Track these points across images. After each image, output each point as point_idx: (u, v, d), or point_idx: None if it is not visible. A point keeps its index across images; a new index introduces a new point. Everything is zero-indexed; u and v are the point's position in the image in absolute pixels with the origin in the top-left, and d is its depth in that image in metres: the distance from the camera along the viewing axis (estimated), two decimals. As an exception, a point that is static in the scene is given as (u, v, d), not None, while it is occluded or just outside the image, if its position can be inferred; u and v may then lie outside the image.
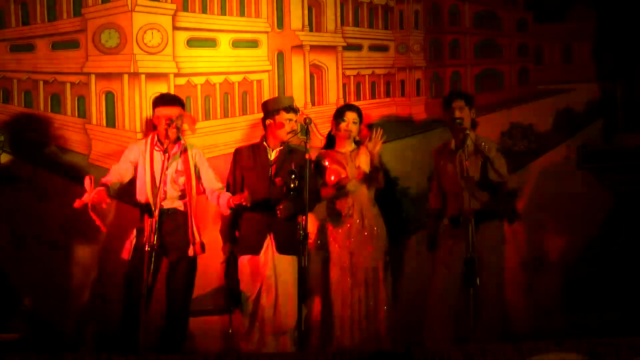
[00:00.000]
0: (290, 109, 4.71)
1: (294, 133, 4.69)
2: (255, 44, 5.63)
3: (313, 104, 5.67)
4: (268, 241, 4.58)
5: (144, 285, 4.08)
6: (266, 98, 5.30)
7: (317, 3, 5.74)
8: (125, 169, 4.52)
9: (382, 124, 5.41)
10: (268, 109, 4.75)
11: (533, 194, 5.47)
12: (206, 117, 5.53)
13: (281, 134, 4.67)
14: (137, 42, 5.36)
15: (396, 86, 5.89)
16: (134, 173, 4.54)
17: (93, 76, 5.39)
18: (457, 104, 4.67)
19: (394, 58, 5.91)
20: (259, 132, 4.93)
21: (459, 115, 4.62)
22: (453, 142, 4.70)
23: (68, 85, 5.42)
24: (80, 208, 4.18)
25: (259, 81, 5.62)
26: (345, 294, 4.70)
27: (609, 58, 5.74)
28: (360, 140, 4.92)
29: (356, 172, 4.78)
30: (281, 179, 4.53)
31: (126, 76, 5.37)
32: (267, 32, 5.64)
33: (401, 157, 5.47)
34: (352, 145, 4.89)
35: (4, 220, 5.21)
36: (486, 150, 4.54)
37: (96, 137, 5.38)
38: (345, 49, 5.80)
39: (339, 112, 4.90)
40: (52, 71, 5.42)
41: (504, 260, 4.72)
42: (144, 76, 5.37)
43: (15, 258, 5.15)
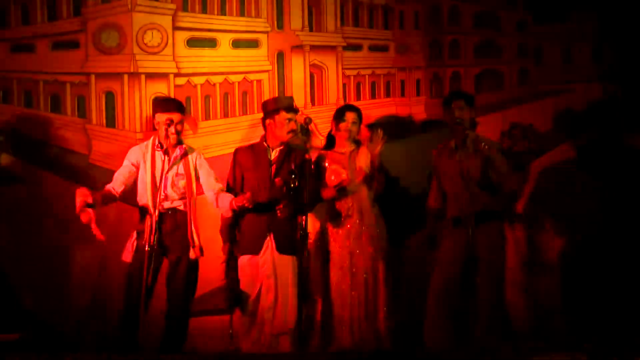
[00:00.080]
0: (290, 109, 4.70)
1: (294, 133, 4.69)
2: (255, 44, 5.63)
3: (313, 104, 5.67)
4: (268, 241, 4.57)
5: (144, 285, 4.09)
6: (266, 98, 5.30)
7: (317, 3, 5.74)
8: (128, 171, 4.52)
9: (382, 124, 5.42)
10: (268, 109, 4.74)
11: (533, 194, 5.48)
12: (206, 117, 5.53)
13: (281, 133, 4.66)
14: (137, 42, 5.35)
15: (396, 86, 5.89)
16: (138, 175, 4.54)
17: (93, 76, 5.39)
18: (457, 104, 4.66)
19: (394, 58, 5.91)
20: (259, 132, 4.93)
21: (459, 115, 4.62)
22: (453, 142, 4.70)
23: (68, 85, 5.42)
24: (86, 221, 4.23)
25: (259, 81, 5.62)
26: (345, 294, 4.70)
27: (609, 58, 5.75)
28: (360, 140, 4.92)
29: (356, 172, 4.78)
30: (281, 179, 4.53)
31: (126, 76, 5.36)
32: (267, 32, 5.64)
33: (401, 157, 5.47)
34: (352, 146, 4.88)
35: (4, 220, 5.21)
36: (486, 150, 4.54)
37: (96, 137, 5.38)
38: (345, 49, 5.80)
39: (339, 113, 4.90)
40: (52, 71, 5.42)
41: (505, 260, 4.72)
42: (144, 76, 5.37)
43: (15, 258, 5.15)
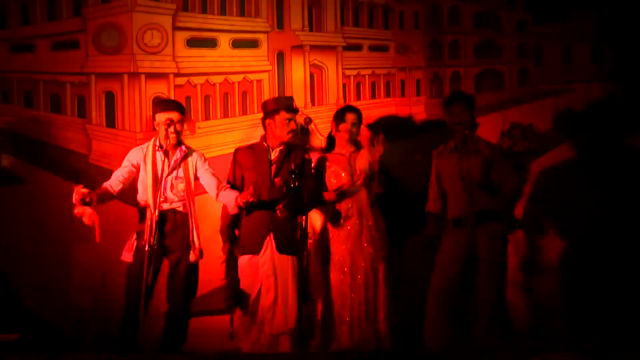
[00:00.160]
0: (290, 109, 4.69)
1: (294, 133, 4.68)
2: (255, 44, 5.63)
3: (313, 104, 5.67)
4: (268, 241, 4.57)
5: (144, 285, 4.09)
6: (266, 98, 5.30)
7: (317, 3, 5.74)
8: (128, 171, 4.52)
9: (382, 124, 5.42)
10: (268, 109, 4.73)
11: (533, 195, 5.47)
12: (206, 117, 5.53)
13: (281, 134, 4.66)
14: (137, 42, 5.36)
15: (396, 86, 5.89)
16: (138, 175, 4.54)
17: (93, 76, 5.40)
18: (458, 105, 4.66)
19: (394, 58, 5.91)
20: (259, 132, 4.93)
21: (459, 116, 4.62)
22: (453, 143, 4.70)
23: (68, 85, 5.42)
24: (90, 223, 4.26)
25: (259, 81, 5.62)
26: (345, 294, 4.70)
27: (609, 58, 5.75)
28: (360, 142, 4.91)
29: (356, 175, 4.77)
30: (281, 179, 4.52)
31: (126, 76, 5.37)
32: (267, 32, 5.64)
33: (401, 157, 5.47)
34: (352, 147, 4.88)
35: (4, 220, 5.21)
36: (487, 151, 4.56)
37: (96, 137, 5.38)
38: (345, 49, 5.80)
39: (339, 114, 4.89)
40: (52, 71, 5.42)
41: (506, 260, 4.72)
42: (144, 76, 5.37)
43: (15, 258, 5.15)
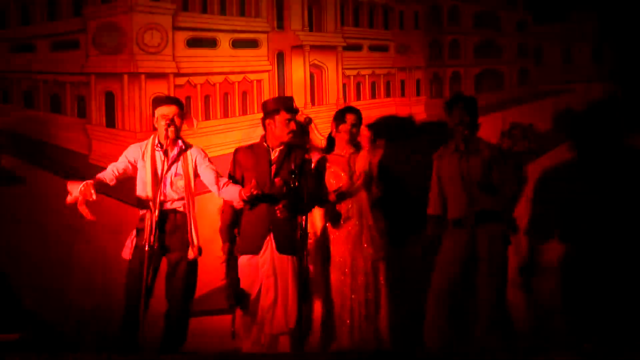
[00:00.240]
0: (290, 109, 4.69)
1: (294, 133, 4.68)
2: (255, 44, 5.63)
3: (313, 104, 5.67)
4: (268, 241, 4.57)
5: (144, 285, 4.09)
6: (266, 98, 5.30)
7: (317, 3, 5.74)
8: (123, 168, 4.47)
9: (382, 125, 5.42)
10: (268, 109, 4.73)
11: (533, 195, 5.47)
12: (206, 117, 5.53)
13: (281, 134, 4.66)
14: (137, 42, 5.36)
15: (396, 86, 5.89)
16: (134, 173, 4.53)
17: (93, 76, 5.40)
18: (459, 106, 4.67)
19: (394, 58, 5.91)
20: (259, 132, 4.92)
21: (460, 117, 4.63)
22: (454, 144, 4.70)
23: (68, 85, 5.42)
24: (71, 205, 4.16)
25: (259, 81, 5.62)
26: (346, 295, 4.69)
27: (609, 58, 5.75)
28: (360, 143, 4.91)
29: (356, 176, 4.77)
30: (281, 179, 4.52)
31: (126, 76, 5.37)
32: (267, 32, 5.64)
33: (401, 158, 5.47)
34: (352, 148, 4.88)
35: (4, 220, 5.21)
36: (487, 152, 4.57)
37: (96, 137, 5.38)
38: (345, 49, 5.80)
39: (340, 114, 4.89)
40: (52, 71, 5.42)
41: (506, 260, 4.72)
42: (144, 76, 5.37)
43: (15, 258, 5.15)
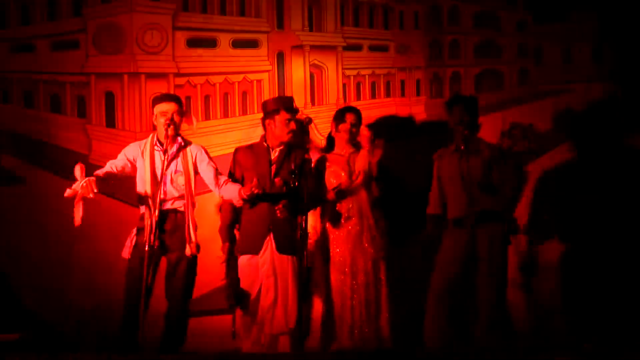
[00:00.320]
0: (290, 109, 4.69)
1: (293, 133, 4.68)
2: (255, 44, 5.64)
3: (313, 104, 5.68)
4: (268, 241, 4.57)
5: (144, 285, 4.08)
6: (266, 98, 5.30)
7: (317, 3, 5.75)
8: (122, 165, 4.45)
9: (382, 124, 5.42)
10: (268, 109, 4.73)
11: (533, 195, 5.47)
12: (206, 117, 5.54)
13: (281, 134, 4.65)
14: (137, 42, 5.36)
15: (396, 86, 5.89)
16: (133, 172, 4.51)
17: (93, 76, 5.40)
18: (460, 106, 4.67)
19: (394, 58, 5.91)
20: (259, 132, 4.92)
21: (460, 117, 4.63)
22: (454, 144, 4.70)
23: (68, 85, 5.42)
24: (70, 197, 4.12)
25: (259, 81, 5.62)
26: (346, 295, 4.69)
27: (609, 58, 5.75)
28: (359, 142, 4.91)
29: (355, 175, 4.77)
30: (281, 179, 4.52)
31: (126, 76, 5.37)
32: (267, 32, 5.64)
33: (401, 158, 5.47)
34: (351, 148, 4.88)
35: (4, 220, 5.21)
36: (488, 152, 4.58)
37: (96, 137, 5.38)
38: (345, 49, 5.81)
39: (339, 114, 4.89)
40: (52, 71, 5.43)
41: (506, 260, 4.72)
42: (144, 76, 5.37)
43: (15, 258, 5.15)
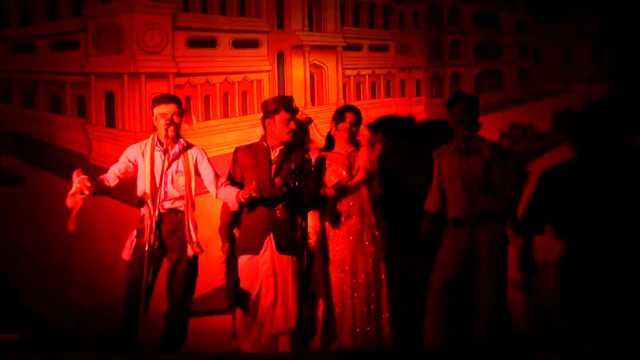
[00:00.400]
0: (290, 109, 4.69)
1: (293, 132, 4.68)
2: (255, 44, 5.64)
3: (313, 104, 5.68)
4: (268, 241, 4.57)
5: (144, 285, 4.09)
6: (266, 98, 5.29)
7: (317, 3, 5.75)
8: (125, 167, 4.47)
9: (382, 124, 5.42)
10: (268, 108, 4.73)
11: (533, 195, 5.47)
12: (206, 117, 5.54)
13: (281, 133, 4.65)
14: (137, 42, 5.36)
15: (396, 86, 5.89)
16: (135, 172, 4.53)
17: (93, 76, 5.40)
18: (460, 105, 4.67)
19: (394, 58, 5.91)
20: (259, 132, 4.92)
21: (461, 117, 4.63)
22: (454, 143, 4.70)
23: (68, 85, 5.42)
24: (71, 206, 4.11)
25: (259, 81, 5.62)
26: (346, 294, 4.69)
27: (609, 58, 5.75)
28: (359, 141, 4.91)
29: (355, 169, 4.77)
30: (281, 179, 4.52)
31: (126, 76, 5.37)
32: (267, 32, 5.64)
33: (401, 157, 5.47)
34: (351, 147, 4.88)
35: (4, 220, 5.21)
36: (488, 152, 4.58)
37: (96, 137, 5.38)
38: (345, 49, 5.81)
39: (339, 113, 4.89)
40: (52, 71, 5.43)
41: (506, 260, 4.72)
42: (144, 76, 5.38)
43: (15, 258, 5.16)
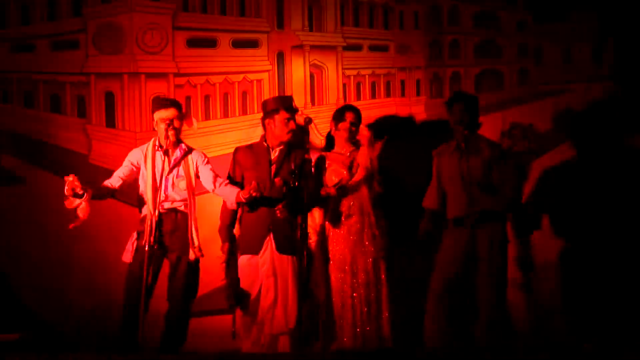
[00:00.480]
0: (290, 108, 4.69)
1: (293, 132, 4.68)
2: (255, 44, 5.64)
3: (313, 104, 5.68)
4: (268, 241, 4.57)
5: (144, 285, 4.09)
6: (266, 98, 5.29)
7: (317, 3, 5.75)
8: (129, 170, 4.51)
9: (382, 124, 5.42)
10: (268, 108, 4.73)
11: (533, 195, 5.47)
12: (206, 117, 5.54)
13: (281, 133, 4.65)
14: (137, 42, 5.36)
15: (396, 86, 5.89)
16: (138, 175, 4.54)
17: (93, 76, 5.40)
18: (460, 105, 4.67)
19: (394, 58, 5.91)
20: (259, 132, 4.93)
21: (460, 117, 4.63)
22: (454, 142, 4.70)
23: (68, 85, 5.42)
24: (72, 208, 4.17)
25: (258, 81, 5.62)
26: (346, 294, 4.69)
27: (609, 58, 5.75)
28: (359, 141, 4.91)
29: (355, 167, 4.77)
30: (281, 179, 4.53)
31: (126, 76, 5.37)
32: (267, 32, 5.64)
33: (401, 158, 5.47)
34: (351, 146, 4.88)
35: (4, 220, 5.21)
36: (488, 152, 4.58)
37: (96, 137, 5.38)
38: (345, 49, 5.81)
39: (339, 113, 4.89)
40: (52, 71, 5.43)
41: (506, 260, 4.72)
42: (143, 76, 5.38)
43: (15, 258, 5.16)
